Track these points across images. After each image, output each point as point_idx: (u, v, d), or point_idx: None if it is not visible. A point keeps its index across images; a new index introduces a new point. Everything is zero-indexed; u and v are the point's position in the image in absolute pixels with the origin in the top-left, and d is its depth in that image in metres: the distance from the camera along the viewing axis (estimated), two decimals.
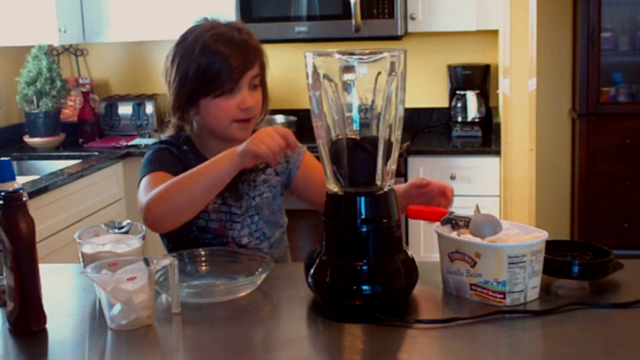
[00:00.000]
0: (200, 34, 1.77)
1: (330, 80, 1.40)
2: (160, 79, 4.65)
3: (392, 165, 1.43)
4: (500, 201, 3.60)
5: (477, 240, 1.45)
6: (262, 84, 1.81)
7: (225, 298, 1.52)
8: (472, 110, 3.91)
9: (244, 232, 1.80)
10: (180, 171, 1.69)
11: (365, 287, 1.38)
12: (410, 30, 3.83)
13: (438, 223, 1.55)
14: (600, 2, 4.40)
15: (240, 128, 1.77)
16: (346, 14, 3.65)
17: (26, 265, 1.37)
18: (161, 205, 1.61)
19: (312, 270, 1.43)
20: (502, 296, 1.43)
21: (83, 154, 3.81)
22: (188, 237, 1.78)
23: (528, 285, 1.44)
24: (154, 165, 1.79)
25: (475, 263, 1.44)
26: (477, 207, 1.57)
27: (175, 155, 1.81)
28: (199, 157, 1.81)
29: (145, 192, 1.69)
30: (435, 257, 1.54)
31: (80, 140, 4.10)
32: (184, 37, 1.81)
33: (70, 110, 4.30)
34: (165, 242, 1.85)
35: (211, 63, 1.73)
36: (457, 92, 3.99)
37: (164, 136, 1.91)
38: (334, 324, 1.39)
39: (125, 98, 4.28)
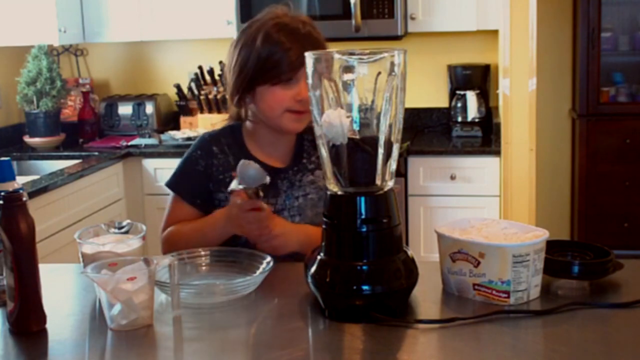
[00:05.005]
0: (264, 22, 1.81)
1: (330, 80, 1.40)
2: (159, 79, 4.65)
3: (392, 165, 1.43)
4: (500, 201, 3.60)
5: (481, 240, 1.45)
6: None
7: (225, 298, 1.52)
8: (472, 110, 3.91)
9: None
10: (203, 186, 1.86)
11: (365, 287, 1.38)
12: (410, 30, 3.83)
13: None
14: (600, 2, 4.40)
15: (293, 119, 1.81)
16: (346, 14, 3.66)
17: (26, 265, 1.37)
18: (169, 249, 1.81)
19: (312, 270, 1.43)
20: (506, 295, 1.43)
21: (83, 154, 3.81)
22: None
23: (531, 284, 1.44)
24: (178, 185, 1.90)
25: (479, 263, 1.44)
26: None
27: (202, 170, 1.87)
28: (241, 152, 1.86)
29: (165, 216, 1.91)
30: (435, 257, 1.54)
31: (80, 140, 4.10)
32: (249, 25, 1.84)
33: (70, 110, 4.30)
34: None
35: (272, 53, 1.77)
36: (457, 92, 3.99)
37: (206, 131, 1.98)
38: (334, 324, 1.39)
39: (125, 98, 4.28)
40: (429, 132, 4.15)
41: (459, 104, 3.96)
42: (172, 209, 1.90)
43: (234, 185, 1.68)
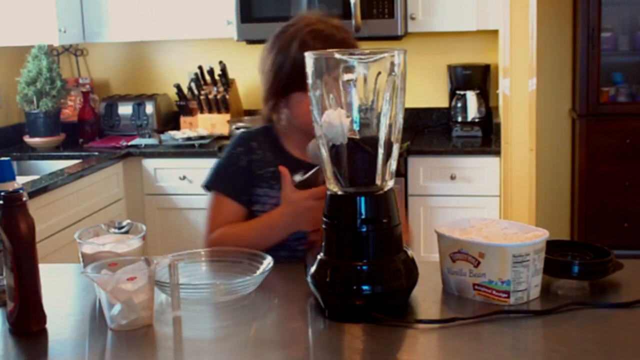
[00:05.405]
0: (299, 29, 1.81)
1: (330, 80, 1.40)
2: (159, 79, 4.64)
3: (392, 165, 1.43)
4: (500, 201, 3.60)
5: (481, 240, 1.45)
6: None
7: (225, 298, 1.52)
8: (472, 110, 3.91)
9: None
10: (246, 182, 1.85)
11: (365, 287, 1.38)
12: (410, 30, 3.83)
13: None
14: (600, 2, 4.40)
15: None
16: (346, 14, 3.65)
17: (26, 265, 1.37)
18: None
19: (312, 270, 1.43)
20: (506, 295, 1.43)
21: (83, 154, 3.81)
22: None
23: (531, 284, 1.44)
24: (222, 183, 1.90)
25: (479, 263, 1.44)
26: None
27: (245, 165, 1.88)
28: (277, 149, 1.89)
29: (209, 218, 1.88)
30: (435, 257, 1.54)
31: (80, 140, 4.10)
32: (284, 30, 1.84)
33: (70, 110, 4.30)
34: None
35: None
36: (457, 92, 3.99)
37: (241, 131, 1.98)
38: (334, 324, 1.39)
39: (125, 98, 4.28)
40: (429, 132, 4.15)
41: (459, 104, 3.96)
42: (216, 210, 1.88)
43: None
